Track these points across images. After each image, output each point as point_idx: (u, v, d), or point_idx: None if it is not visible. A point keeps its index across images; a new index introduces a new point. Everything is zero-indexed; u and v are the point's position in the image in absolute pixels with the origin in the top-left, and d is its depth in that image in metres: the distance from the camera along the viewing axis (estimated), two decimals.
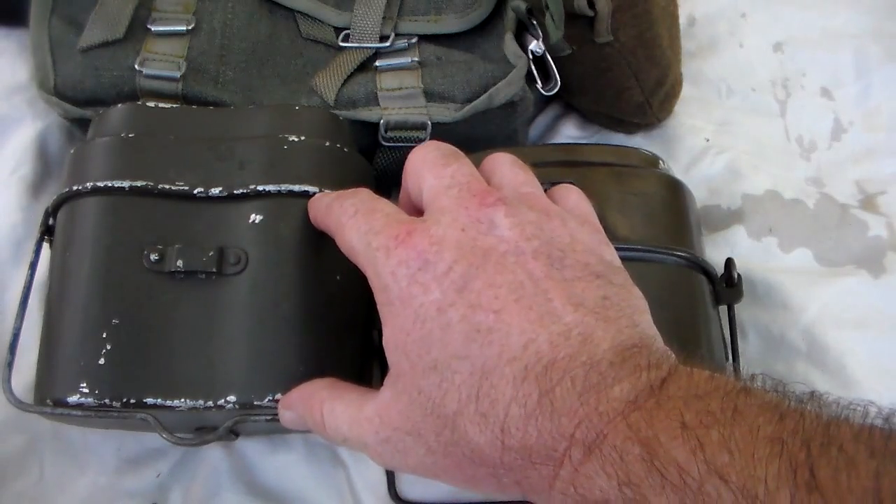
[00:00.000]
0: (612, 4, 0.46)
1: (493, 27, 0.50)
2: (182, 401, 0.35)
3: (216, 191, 0.38)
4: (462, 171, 0.31)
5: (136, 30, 0.46)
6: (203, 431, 0.37)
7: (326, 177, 0.39)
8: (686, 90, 0.55)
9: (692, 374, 0.26)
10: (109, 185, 0.37)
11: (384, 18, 0.49)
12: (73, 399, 0.34)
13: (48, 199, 0.40)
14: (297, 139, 0.39)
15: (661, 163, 0.47)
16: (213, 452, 0.44)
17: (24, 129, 0.50)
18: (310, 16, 0.50)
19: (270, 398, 0.35)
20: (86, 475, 0.42)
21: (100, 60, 0.45)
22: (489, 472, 0.27)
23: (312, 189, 0.38)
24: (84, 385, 0.34)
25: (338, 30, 0.50)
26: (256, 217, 0.37)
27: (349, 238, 0.31)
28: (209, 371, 0.35)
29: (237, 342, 0.36)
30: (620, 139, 0.56)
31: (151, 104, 0.41)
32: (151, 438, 0.43)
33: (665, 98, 0.53)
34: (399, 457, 0.29)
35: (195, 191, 0.37)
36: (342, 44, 0.49)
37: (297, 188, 0.38)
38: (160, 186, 0.37)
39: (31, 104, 0.51)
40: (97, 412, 0.35)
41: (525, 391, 0.26)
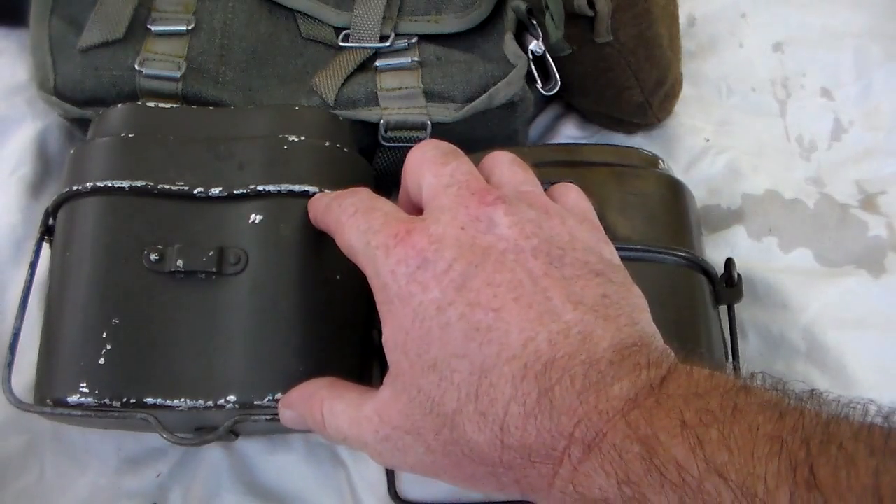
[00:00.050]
0: (612, 4, 0.46)
1: (493, 27, 0.50)
2: (182, 401, 0.35)
3: (216, 191, 0.38)
4: (461, 170, 0.31)
5: (136, 30, 0.46)
6: (203, 431, 0.37)
7: (326, 177, 0.39)
8: (686, 90, 0.55)
9: (692, 373, 0.26)
10: (109, 185, 0.37)
11: (384, 18, 0.49)
12: (73, 399, 0.34)
13: (48, 199, 0.41)
14: (297, 139, 0.39)
15: (661, 163, 0.47)
16: (213, 452, 0.44)
17: (24, 129, 0.50)
18: (310, 16, 0.50)
19: (270, 398, 0.35)
20: (86, 475, 0.42)
21: (100, 60, 0.45)
22: (488, 471, 0.27)
23: (312, 189, 0.38)
24: (84, 385, 0.34)
25: (338, 30, 0.50)
26: (256, 217, 0.37)
27: (348, 237, 0.31)
28: (209, 371, 0.35)
29: (237, 342, 0.36)
30: (620, 139, 0.56)
31: (151, 104, 0.42)
32: (151, 438, 0.43)
33: (665, 98, 0.53)
34: (398, 455, 0.29)
35: (195, 191, 0.37)
36: (342, 44, 0.49)
37: (297, 188, 0.38)
38: (160, 186, 0.37)
39: (31, 104, 0.51)
40: (97, 412, 0.35)
41: (524, 390, 0.26)
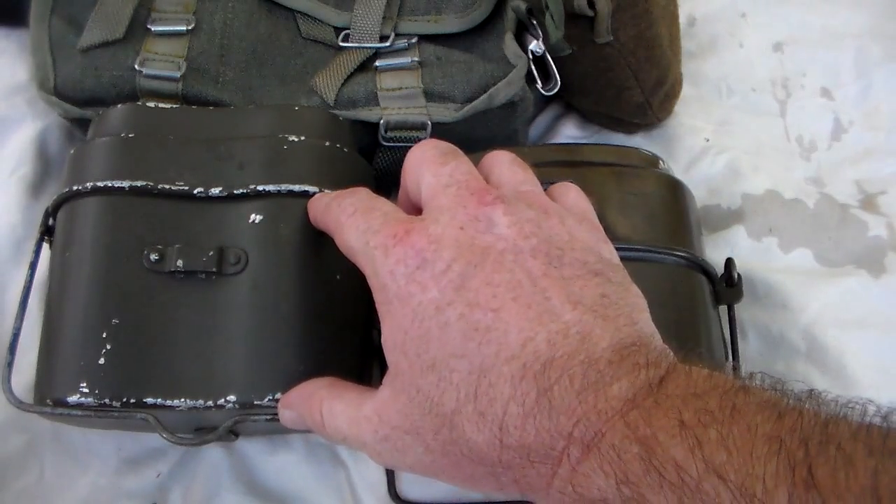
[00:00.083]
0: (612, 4, 0.46)
1: (493, 27, 0.50)
2: (182, 400, 0.35)
3: (216, 191, 0.38)
4: (460, 170, 0.31)
5: (136, 30, 0.46)
6: (203, 431, 0.37)
7: (326, 177, 0.39)
8: (686, 90, 0.55)
9: (691, 373, 0.26)
10: (109, 185, 0.37)
11: (384, 18, 0.49)
12: (73, 399, 0.34)
13: (48, 199, 0.41)
14: (297, 139, 0.39)
15: (661, 163, 0.47)
16: (213, 452, 0.44)
17: (24, 129, 0.50)
18: (310, 16, 0.50)
19: (270, 398, 0.35)
20: (86, 475, 0.42)
21: (100, 60, 0.45)
22: (487, 471, 0.27)
23: (312, 189, 0.38)
24: (84, 385, 0.34)
25: (338, 30, 0.50)
26: (256, 217, 0.37)
27: (348, 237, 0.31)
28: (209, 371, 0.35)
29: (237, 342, 0.36)
30: (620, 139, 0.56)
31: (151, 104, 0.42)
32: (151, 438, 0.43)
33: (665, 98, 0.53)
34: (397, 455, 0.29)
35: (195, 191, 0.38)
36: (342, 44, 0.49)
37: (297, 188, 0.38)
38: (160, 186, 0.37)
39: (31, 104, 0.51)
40: (97, 412, 0.35)
41: (523, 390, 0.26)
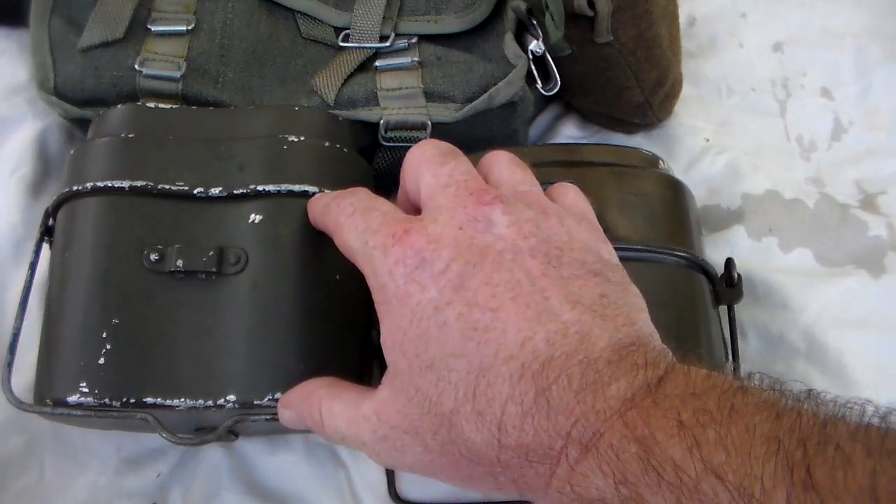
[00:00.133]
0: (612, 4, 0.46)
1: (493, 27, 0.50)
2: (182, 400, 0.35)
3: (216, 191, 0.38)
4: (459, 170, 0.31)
5: (136, 30, 0.46)
6: (203, 431, 0.37)
7: (326, 177, 0.39)
8: (686, 90, 0.55)
9: (689, 373, 0.26)
10: (109, 185, 0.37)
11: (384, 18, 0.49)
12: (73, 399, 0.35)
13: (48, 199, 0.41)
14: (297, 139, 0.39)
15: (661, 163, 0.47)
16: (213, 452, 0.44)
17: (24, 129, 0.50)
18: (310, 16, 0.50)
19: (270, 397, 0.35)
20: (86, 475, 0.42)
21: (100, 60, 0.45)
22: (486, 471, 0.27)
23: (312, 189, 0.38)
24: (84, 385, 0.35)
25: (338, 30, 0.50)
26: (256, 217, 0.37)
27: (347, 237, 0.31)
28: (209, 370, 0.35)
29: (237, 342, 0.36)
30: (620, 139, 0.56)
31: (151, 105, 0.42)
32: (151, 438, 0.43)
33: (665, 98, 0.53)
34: (396, 455, 0.29)
35: (195, 191, 0.38)
36: (342, 44, 0.49)
37: (297, 188, 0.38)
38: (160, 186, 0.37)
39: (31, 104, 0.51)
40: (97, 412, 0.35)
41: (522, 389, 0.26)
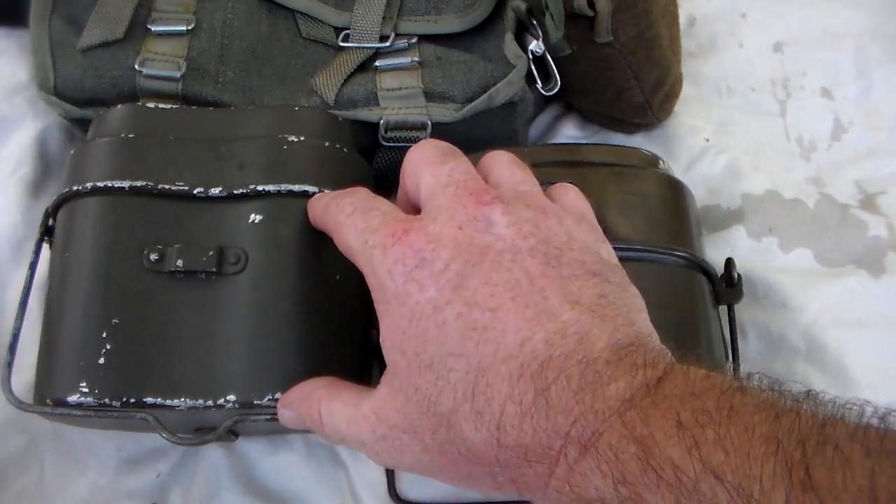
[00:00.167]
0: (612, 4, 0.46)
1: (493, 27, 0.50)
2: (182, 400, 0.35)
3: (216, 191, 0.38)
4: (459, 169, 0.31)
5: (136, 30, 0.46)
6: (203, 431, 0.37)
7: (326, 177, 0.39)
8: (686, 90, 0.55)
9: (688, 373, 0.26)
10: (109, 185, 0.37)
11: (384, 18, 0.49)
12: (73, 399, 0.35)
13: (48, 199, 0.41)
14: (297, 139, 0.39)
15: (661, 163, 0.47)
16: (213, 452, 0.44)
17: (24, 129, 0.50)
18: (310, 16, 0.50)
19: (270, 397, 0.35)
20: (86, 475, 0.42)
21: (100, 60, 0.45)
22: (485, 471, 0.27)
23: (312, 189, 0.38)
24: (84, 385, 0.35)
25: (338, 30, 0.50)
26: (256, 217, 0.37)
27: (346, 237, 0.31)
28: (209, 370, 0.35)
29: (237, 341, 0.36)
30: (620, 139, 0.56)
31: (151, 105, 0.42)
32: (151, 438, 0.43)
33: (665, 98, 0.53)
34: (395, 455, 0.29)
35: (195, 191, 0.38)
36: (342, 44, 0.49)
37: (297, 188, 0.38)
38: (160, 186, 0.37)
39: (31, 104, 0.51)
40: (97, 412, 0.35)
41: (521, 389, 0.26)
